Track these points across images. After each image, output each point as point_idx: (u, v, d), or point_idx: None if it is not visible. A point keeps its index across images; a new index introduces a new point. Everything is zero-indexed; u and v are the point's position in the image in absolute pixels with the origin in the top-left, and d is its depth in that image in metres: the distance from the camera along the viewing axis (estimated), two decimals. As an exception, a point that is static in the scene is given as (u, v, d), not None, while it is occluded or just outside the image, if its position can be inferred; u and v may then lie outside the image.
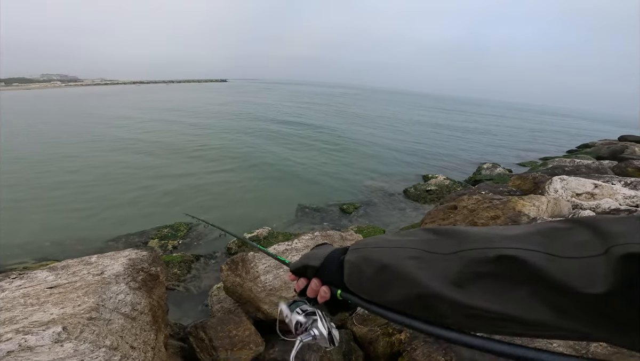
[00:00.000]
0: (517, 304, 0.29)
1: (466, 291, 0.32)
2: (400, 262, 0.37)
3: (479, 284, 0.31)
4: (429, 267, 0.35)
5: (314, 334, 0.56)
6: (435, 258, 0.35)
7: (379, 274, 0.39)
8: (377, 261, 0.40)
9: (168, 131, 14.40)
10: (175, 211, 6.10)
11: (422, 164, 10.98)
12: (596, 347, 1.42)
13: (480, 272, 0.31)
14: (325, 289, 0.48)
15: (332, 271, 0.48)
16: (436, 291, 0.33)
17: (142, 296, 1.47)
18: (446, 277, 0.33)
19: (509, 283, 0.29)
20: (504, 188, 5.01)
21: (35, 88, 79.81)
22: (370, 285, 0.41)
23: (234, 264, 2.81)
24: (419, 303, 0.35)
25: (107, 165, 8.97)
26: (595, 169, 6.52)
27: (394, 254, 0.39)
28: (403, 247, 0.39)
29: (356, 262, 0.43)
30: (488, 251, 0.31)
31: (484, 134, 20.73)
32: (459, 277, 0.32)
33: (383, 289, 0.39)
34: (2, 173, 7.91)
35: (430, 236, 0.38)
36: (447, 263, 0.34)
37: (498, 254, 0.30)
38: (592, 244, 0.26)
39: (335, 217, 6.27)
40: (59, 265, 1.57)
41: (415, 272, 0.35)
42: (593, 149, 13.48)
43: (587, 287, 0.25)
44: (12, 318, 0.94)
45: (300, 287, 0.54)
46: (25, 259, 4.39)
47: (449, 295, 0.32)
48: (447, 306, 0.33)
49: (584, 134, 25.48)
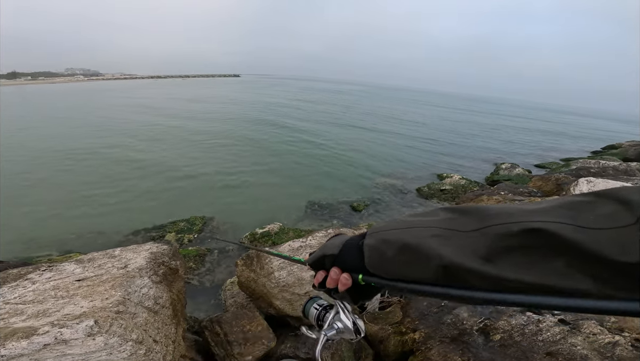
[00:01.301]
0: (555, 275, 0.29)
1: (496, 264, 0.32)
2: (423, 240, 0.38)
3: (509, 258, 0.32)
4: (453, 243, 0.36)
5: (337, 327, 0.56)
6: (458, 236, 0.36)
7: (401, 254, 0.40)
8: (397, 241, 0.41)
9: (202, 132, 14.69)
10: (189, 205, 6.25)
11: (436, 162, 10.76)
12: (622, 350, 1.37)
13: (508, 246, 0.32)
14: (346, 276, 0.49)
15: (351, 257, 0.48)
16: (464, 265, 0.34)
17: (164, 290, 1.51)
18: (474, 252, 0.34)
19: (540, 256, 0.30)
20: (524, 189, 4.84)
21: (60, 82, 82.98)
22: (392, 265, 0.42)
23: (249, 260, 2.85)
24: (446, 276, 0.36)
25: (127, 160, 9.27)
26: (623, 171, 6.20)
27: (415, 234, 0.39)
28: (424, 226, 0.39)
29: (376, 245, 0.44)
30: (512, 226, 0.32)
31: (501, 133, 20.08)
32: (486, 251, 0.33)
33: (406, 267, 0.40)
34: (35, 167, 8.31)
35: (450, 215, 0.39)
36: (472, 240, 0.34)
37: (523, 228, 0.31)
38: (620, 215, 0.27)
39: (345, 214, 6.25)
40: (85, 258, 1.63)
41: (440, 248, 0.36)
42: (619, 151, 12.83)
43: (622, 255, 0.25)
44: (45, 310, 0.98)
45: (319, 279, 0.54)
46: (51, 251, 4.61)
47: (478, 268, 0.33)
48: (477, 278, 0.33)
49: (607, 134, 24.29)
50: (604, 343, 1.35)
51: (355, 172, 8.91)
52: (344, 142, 12.71)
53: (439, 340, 1.84)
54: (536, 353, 1.41)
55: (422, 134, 16.58)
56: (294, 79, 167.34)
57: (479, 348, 1.61)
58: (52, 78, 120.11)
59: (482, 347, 1.60)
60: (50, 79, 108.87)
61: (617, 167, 6.70)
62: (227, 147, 11.07)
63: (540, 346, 1.43)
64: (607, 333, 1.40)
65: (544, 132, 22.90)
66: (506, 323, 1.65)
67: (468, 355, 1.64)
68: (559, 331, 1.47)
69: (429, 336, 1.92)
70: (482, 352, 1.58)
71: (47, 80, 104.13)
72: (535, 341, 1.46)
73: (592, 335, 1.41)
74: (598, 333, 1.41)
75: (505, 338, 1.55)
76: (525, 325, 1.58)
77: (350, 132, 15.17)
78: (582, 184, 3.89)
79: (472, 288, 0.34)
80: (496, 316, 1.72)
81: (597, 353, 1.31)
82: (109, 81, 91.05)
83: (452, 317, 1.89)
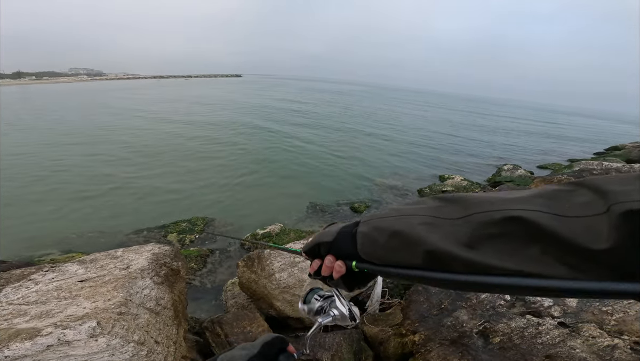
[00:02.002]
0: (532, 261, 0.30)
1: (478, 251, 0.33)
2: (411, 228, 0.39)
3: (490, 245, 0.33)
4: (440, 231, 0.37)
5: (333, 314, 0.57)
6: (445, 223, 0.37)
7: (391, 240, 0.41)
8: (388, 229, 0.42)
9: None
10: (191, 205, 6.27)
11: (437, 164, 10.74)
12: (620, 353, 1.37)
13: (489, 233, 0.33)
14: (340, 263, 0.50)
15: (345, 245, 0.49)
16: (449, 251, 0.35)
17: (165, 291, 1.52)
18: (457, 239, 0.35)
19: (520, 243, 0.31)
20: (525, 191, 4.81)
21: (64, 82, 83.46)
22: (383, 251, 0.43)
23: (250, 261, 2.86)
24: (432, 261, 0.37)
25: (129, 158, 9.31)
26: (626, 173, 6.16)
27: (405, 221, 0.41)
28: (413, 214, 0.41)
29: (368, 232, 0.45)
30: (494, 213, 0.33)
31: (503, 135, 20.00)
32: (469, 239, 0.34)
33: (396, 253, 0.41)
34: (35, 168, 8.38)
35: (438, 204, 0.40)
36: (457, 228, 0.36)
37: (504, 216, 0.32)
38: (594, 203, 0.28)
39: (346, 215, 6.26)
40: (87, 258, 1.65)
41: (427, 235, 0.37)
42: (623, 152, 12.75)
43: (593, 243, 0.26)
44: (48, 311, 0.99)
45: (315, 268, 0.55)
46: (53, 250, 4.64)
47: (462, 255, 0.34)
48: (460, 265, 0.34)
49: (612, 136, 24.12)
50: (603, 346, 1.35)
51: (356, 174, 8.91)
52: (344, 144, 12.71)
53: (439, 342, 1.84)
54: (535, 355, 1.41)
55: (423, 135, 16.55)
56: (296, 79, 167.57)
57: (478, 350, 1.61)
58: (56, 78, 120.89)
59: (482, 350, 1.60)
60: (54, 79, 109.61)
61: (620, 168, 6.66)
62: (227, 148, 11.11)
63: (539, 349, 1.43)
64: (606, 336, 1.40)
65: (548, 134, 22.79)
66: (506, 325, 1.65)
67: (468, 357, 1.63)
68: (558, 334, 1.47)
69: (428, 338, 1.92)
70: (481, 355, 1.58)
71: (51, 80, 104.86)
72: (535, 344, 1.47)
73: (591, 338, 1.41)
74: (597, 336, 1.41)
75: (504, 341, 1.55)
76: (525, 328, 1.58)
77: (351, 134, 15.16)
78: (584, 186, 3.86)
79: (457, 272, 0.35)
80: (496, 319, 1.72)
81: (596, 356, 1.31)
82: (112, 80, 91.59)
83: (452, 320, 1.89)
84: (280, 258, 2.75)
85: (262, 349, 0.45)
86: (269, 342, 0.46)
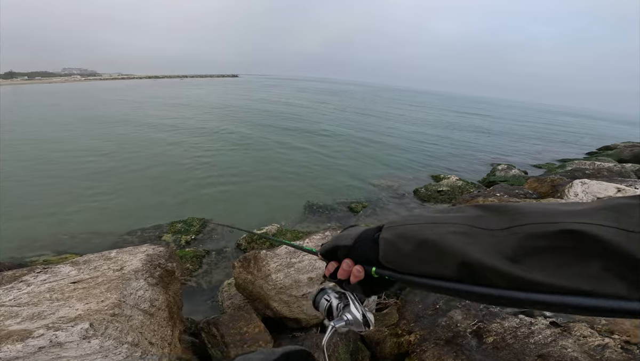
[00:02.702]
0: (588, 278, 0.28)
1: (523, 265, 0.31)
2: (443, 237, 0.37)
3: (537, 259, 0.30)
4: (478, 242, 0.34)
5: (347, 319, 0.55)
6: (484, 234, 0.35)
7: (419, 250, 0.39)
8: (415, 237, 0.39)
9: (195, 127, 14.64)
10: (186, 206, 6.23)
11: (433, 164, 10.80)
12: (611, 353, 1.39)
13: (538, 246, 0.31)
14: (359, 268, 0.48)
15: (365, 250, 0.47)
16: (487, 263, 0.32)
17: (160, 292, 1.51)
18: (499, 252, 0.32)
19: (575, 258, 0.29)
20: (520, 190, 4.88)
21: (57, 82, 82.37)
22: (408, 260, 0.40)
23: (246, 262, 2.85)
24: (466, 274, 0.35)
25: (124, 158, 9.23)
26: (617, 172, 6.27)
27: (436, 230, 0.38)
28: (446, 222, 0.38)
29: (392, 239, 0.43)
30: (549, 226, 0.31)
31: (498, 134, 20.19)
32: (514, 252, 0.32)
33: (424, 263, 0.38)
34: (20, 169, 8.26)
35: (478, 213, 0.38)
36: (499, 239, 0.33)
37: (561, 229, 0.30)
38: None
39: (343, 215, 6.26)
40: (80, 260, 1.63)
41: (463, 246, 0.35)
42: (615, 152, 12.95)
43: None
44: (40, 313, 0.98)
45: (330, 270, 0.53)
46: (46, 252, 4.58)
47: (502, 268, 0.32)
48: (500, 279, 0.32)
49: (605, 136, 24.47)
50: (594, 345, 1.37)
51: (352, 174, 8.93)
52: (341, 144, 12.73)
53: (434, 342, 1.85)
54: (528, 355, 1.43)
55: (419, 135, 16.63)
56: (293, 79, 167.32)
57: (472, 350, 1.62)
58: (49, 78, 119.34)
59: (476, 349, 1.61)
60: (47, 79, 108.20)
61: (611, 168, 6.77)
62: (228, 148, 11.06)
63: (532, 348, 1.45)
64: (597, 336, 1.42)
65: (541, 133, 23.05)
66: (499, 325, 1.67)
67: (462, 357, 1.65)
68: (550, 333, 1.49)
69: (424, 338, 1.93)
70: (475, 354, 1.60)
71: (43, 80, 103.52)
72: (527, 344, 1.48)
73: (582, 338, 1.43)
74: (588, 335, 1.43)
75: (498, 341, 1.57)
76: (518, 328, 1.60)
77: (349, 134, 15.19)
78: (577, 186, 3.93)
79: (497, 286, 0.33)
80: (489, 319, 1.74)
81: (587, 356, 1.33)
82: (106, 80, 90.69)
83: (447, 319, 1.91)
84: (277, 258, 2.74)
85: (281, 358, 0.42)
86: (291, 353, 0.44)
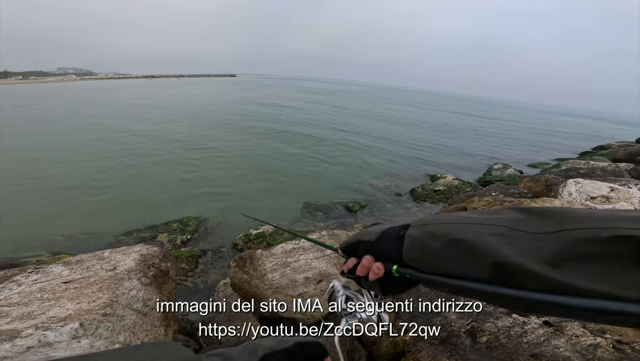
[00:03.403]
0: (635, 286, 0.26)
1: (563, 271, 0.29)
2: (479, 237, 0.35)
3: (580, 265, 0.29)
4: (516, 244, 0.33)
5: (360, 316, 0.54)
6: (524, 237, 0.33)
7: (450, 249, 0.37)
8: (447, 236, 0.38)
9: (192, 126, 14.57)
10: (182, 206, 6.20)
11: (430, 163, 10.85)
12: (603, 352, 1.40)
13: (585, 252, 0.29)
14: (380, 265, 0.47)
15: (388, 247, 0.46)
16: (525, 266, 0.31)
17: (153, 292, 1.50)
18: (539, 255, 0.31)
19: (621, 265, 0.27)
20: (515, 190, 4.91)
21: (52, 82, 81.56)
22: (436, 259, 0.39)
23: (242, 261, 2.85)
24: (500, 275, 0.33)
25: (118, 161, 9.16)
26: (611, 172, 6.34)
27: (471, 230, 0.37)
28: (483, 223, 0.37)
29: (420, 237, 0.41)
30: (601, 231, 0.29)
31: (495, 134, 20.31)
32: (555, 257, 0.30)
33: (453, 262, 0.37)
34: (17, 170, 8.18)
35: (520, 216, 0.36)
36: (540, 243, 0.32)
37: (615, 235, 0.28)
38: None
39: (340, 215, 6.27)
40: (73, 260, 1.62)
41: (499, 247, 0.33)
42: (609, 151, 13.07)
43: None
44: (30, 313, 0.97)
45: (350, 266, 0.52)
46: (40, 252, 4.53)
47: (541, 272, 0.30)
48: (536, 283, 0.30)
49: (600, 135, 24.69)
50: (586, 344, 1.38)
51: (350, 174, 8.94)
52: (338, 145, 12.74)
53: (429, 341, 1.86)
54: (521, 355, 1.43)
55: (416, 136, 16.69)
56: (292, 78, 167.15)
57: (466, 350, 1.63)
58: (43, 77, 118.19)
59: (470, 349, 1.62)
60: (42, 79, 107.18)
61: (605, 168, 6.84)
62: (228, 146, 11.02)
63: (525, 348, 1.46)
64: (589, 335, 1.44)
65: (539, 133, 23.22)
66: (493, 325, 1.67)
67: (456, 356, 1.66)
68: (543, 333, 1.50)
69: (419, 337, 1.94)
70: (469, 354, 1.60)
71: (38, 79, 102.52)
72: (521, 343, 1.49)
73: (574, 337, 1.44)
74: (580, 335, 1.44)
75: (491, 340, 1.58)
76: (511, 327, 1.61)
77: (347, 134, 15.21)
78: (570, 185, 3.97)
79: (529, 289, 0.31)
80: (483, 318, 1.75)
81: (579, 355, 1.34)
82: (102, 80, 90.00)
83: (441, 319, 1.91)
84: (273, 258, 2.74)
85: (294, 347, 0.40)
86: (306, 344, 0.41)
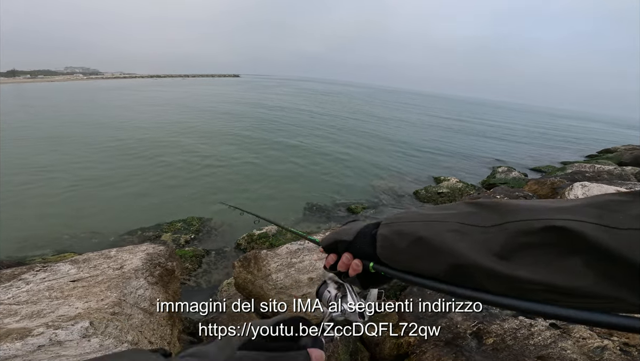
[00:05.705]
0: (568, 274, 0.28)
1: (509, 262, 0.31)
2: (437, 235, 0.37)
3: (523, 256, 0.31)
4: (469, 239, 0.35)
5: (343, 309, 0.56)
6: (475, 231, 0.35)
7: (414, 247, 0.39)
8: (411, 234, 0.40)
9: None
10: (185, 206, 6.23)
11: (433, 166, 10.80)
12: (610, 354, 1.39)
13: (525, 243, 0.31)
14: (357, 262, 0.49)
15: (364, 245, 0.48)
16: (476, 262, 0.33)
17: (159, 291, 1.51)
18: (488, 249, 0.33)
19: (557, 254, 0.29)
20: (520, 193, 4.88)
21: (60, 81, 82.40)
22: (403, 257, 0.41)
23: (247, 261, 2.85)
24: (457, 273, 0.35)
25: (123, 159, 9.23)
26: (617, 175, 6.27)
27: (431, 227, 0.38)
28: (441, 220, 0.38)
29: (389, 235, 0.43)
30: (534, 223, 0.31)
31: (499, 137, 20.19)
32: (501, 249, 0.32)
33: (417, 260, 0.39)
34: (23, 167, 8.26)
35: (471, 210, 0.38)
36: (489, 236, 0.33)
37: (546, 225, 0.30)
38: None
39: (342, 216, 6.26)
40: (80, 258, 1.63)
41: (454, 244, 0.35)
42: (615, 155, 12.95)
43: None
44: (39, 311, 0.98)
45: (330, 262, 0.54)
46: (45, 250, 4.57)
47: (489, 266, 0.32)
48: (485, 276, 0.32)
49: (606, 139, 24.47)
50: (593, 347, 1.37)
51: (353, 175, 8.93)
52: (341, 147, 12.73)
53: (433, 343, 1.85)
54: (528, 357, 1.42)
55: (420, 138, 16.64)
56: (294, 79, 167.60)
57: (472, 351, 1.62)
58: (51, 76, 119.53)
59: (475, 351, 1.61)
60: (50, 78, 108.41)
61: (611, 171, 6.77)
62: (230, 146, 11.06)
63: (531, 350, 1.45)
64: (596, 338, 1.42)
65: (542, 137, 23.04)
66: (499, 327, 1.66)
67: (462, 358, 1.64)
68: (549, 335, 1.48)
69: (423, 339, 1.93)
70: (475, 356, 1.59)
71: (45, 78, 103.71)
72: (527, 345, 1.48)
73: (581, 339, 1.43)
74: (587, 337, 1.43)
75: (497, 342, 1.57)
76: (518, 329, 1.60)
77: (347, 135, 15.20)
78: (577, 189, 3.93)
79: (479, 289, 0.33)
80: (489, 320, 1.74)
81: (586, 357, 1.32)
82: (108, 80, 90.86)
83: (447, 320, 1.90)
84: (277, 258, 2.74)
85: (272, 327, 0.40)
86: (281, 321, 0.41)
